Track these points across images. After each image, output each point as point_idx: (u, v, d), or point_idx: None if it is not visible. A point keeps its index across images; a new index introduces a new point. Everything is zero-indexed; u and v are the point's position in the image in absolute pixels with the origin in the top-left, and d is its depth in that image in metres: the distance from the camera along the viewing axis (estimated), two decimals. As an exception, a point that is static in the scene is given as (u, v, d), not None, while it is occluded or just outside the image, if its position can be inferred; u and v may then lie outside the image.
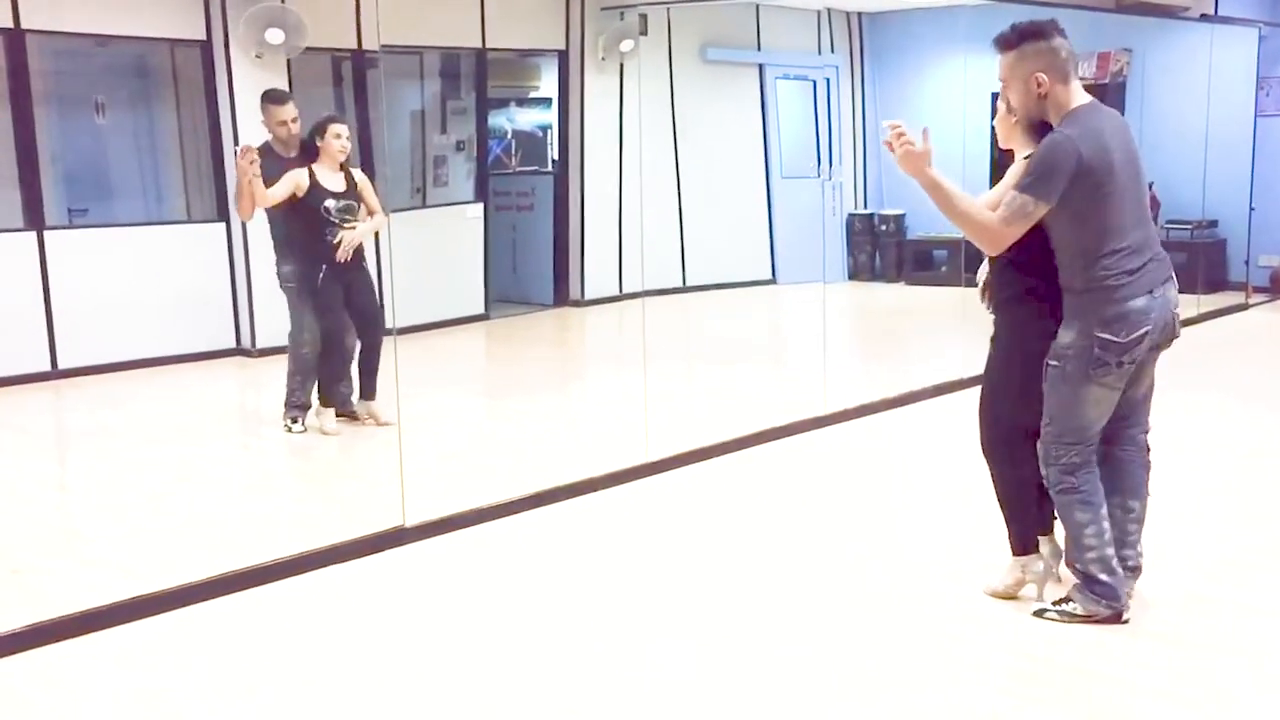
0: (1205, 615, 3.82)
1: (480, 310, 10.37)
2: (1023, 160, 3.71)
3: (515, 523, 4.93)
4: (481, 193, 10.48)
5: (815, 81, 12.73)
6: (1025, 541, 3.90)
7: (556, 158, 11.42)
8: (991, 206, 3.63)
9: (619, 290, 11.08)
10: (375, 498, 5.10)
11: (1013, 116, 3.75)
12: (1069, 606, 3.75)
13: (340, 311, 6.36)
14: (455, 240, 10.18)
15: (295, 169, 6.18)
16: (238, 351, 8.87)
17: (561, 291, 11.17)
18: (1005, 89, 3.69)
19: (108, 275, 8.31)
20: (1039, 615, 3.78)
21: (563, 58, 10.94)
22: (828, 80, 12.73)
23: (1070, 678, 3.41)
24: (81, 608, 3.96)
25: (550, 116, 11.87)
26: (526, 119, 12.58)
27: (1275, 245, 11.00)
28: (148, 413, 7.23)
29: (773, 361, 9.11)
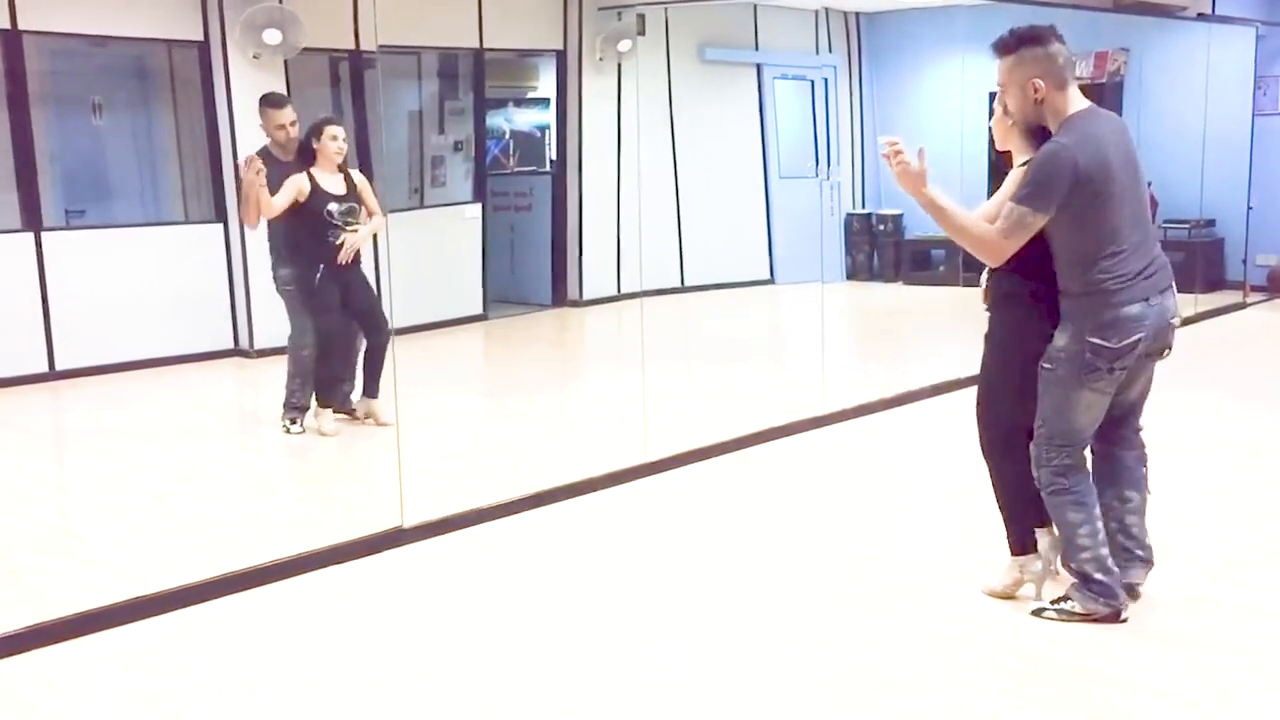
0: (1205, 615, 3.82)
1: (478, 310, 10.36)
2: (1019, 168, 3.72)
3: (514, 523, 4.92)
4: (479, 193, 10.47)
5: (813, 81, 12.73)
6: (1023, 541, 3.91)
7: (554, 158, 11.42)
8: (989, 218, 3.66)
9: (617, 290, 11.08)
10: (374, 498, 5.09)
11: (1009, 119, 3.76)
12: (1067, 605, 3.75)
13: (336, 311, 6.36)
14: (453, 241, 10.18)
15: (295, 174, 6.18)
16: (236, 352, 8.86)
17: (560, 292, 11.17)
18: (1003, 93, 3.72)
19: (105, 276, 8.30)
20: (1037, 614, 3.79)
21: (560, 58, 10.94)
22: (826, 80, 12.73)
23: (1070, 677, 3.41)
24: (80, 608, 3.96)
25: (548, 117, 11.87)
26: (524, 119, 12.59)
27: (1273, 244, 11.01)
28: (146, 414, 7.23)
29: (771, 361, 9.11)
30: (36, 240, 8.04)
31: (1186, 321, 6.38)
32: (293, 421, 6.46)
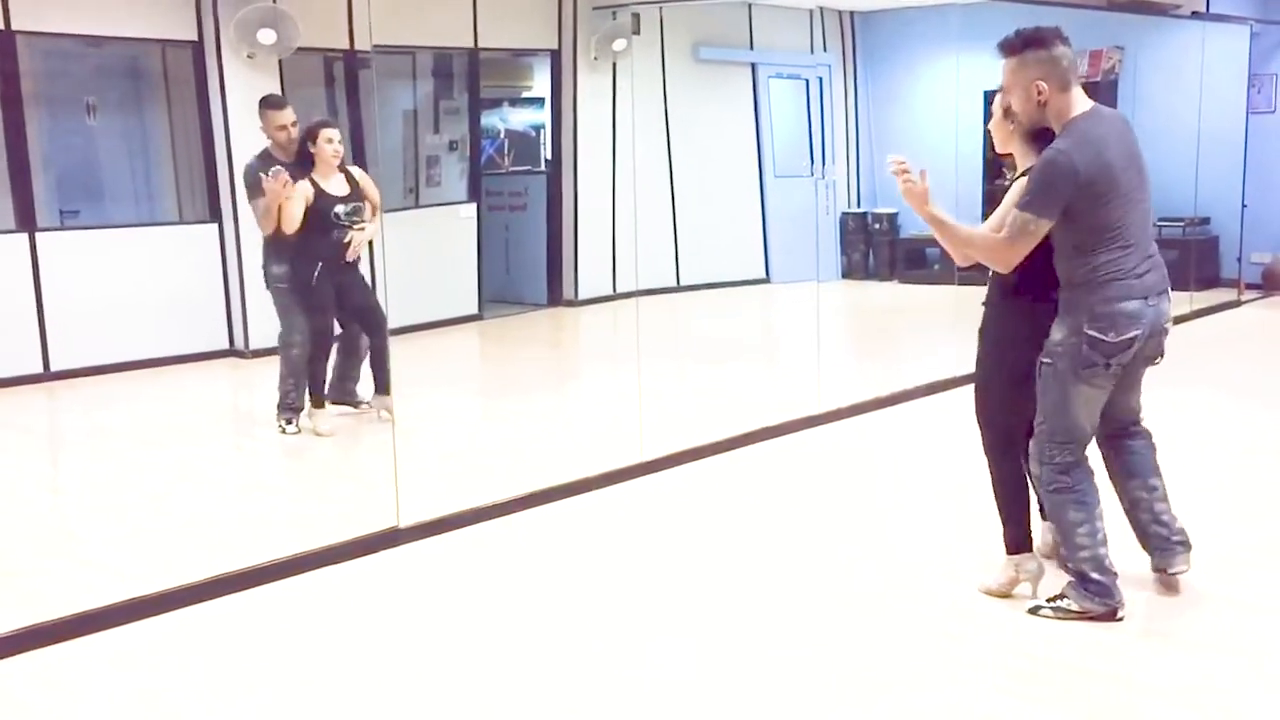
0: (1201, 613, 3.83)
1: (474, 310, 10.35)
2: (1022, 178, 3.74)
3: (510, 523, 4.92)
4: (474, 193, 10.47)
5: (808, 80, 12.73)
6: (1019, 540, 3.91)
7: (549, 157, 11.42)
8: (996, 228, 3.73)
9: (613, 290, 11.08)
10: (370, 499, 5.09)
11: (1010, 123, 3.80)
12: (1063, 603, 3.76)
13: (331, 311, 6.37)
14: (448, 240, 10.17)
15: (299, 181, 6.19)
16: (231, 353, 8.85)
17: (555, 291, 11.17)
18: (1006, 93, 3.75)
19: (100, 277, 8.29)
20: (1034, 612, 3.80)
21: (555, 57, 10.94)
22: (820, 79, 12.74)
23: (1068, 676, 3.41)
24: (77, 609, 3.96)
25: (543, 116, 11.88)
26: (519, 119, 12.58)
27: (1267, 242, 11.04)
28: (142, 414, 7.22)
29: (766, 361, 9.12)
30: (31, 241, 8.03)
31: (1181, 319, 6.39)
32: (288, 422, 6.45)
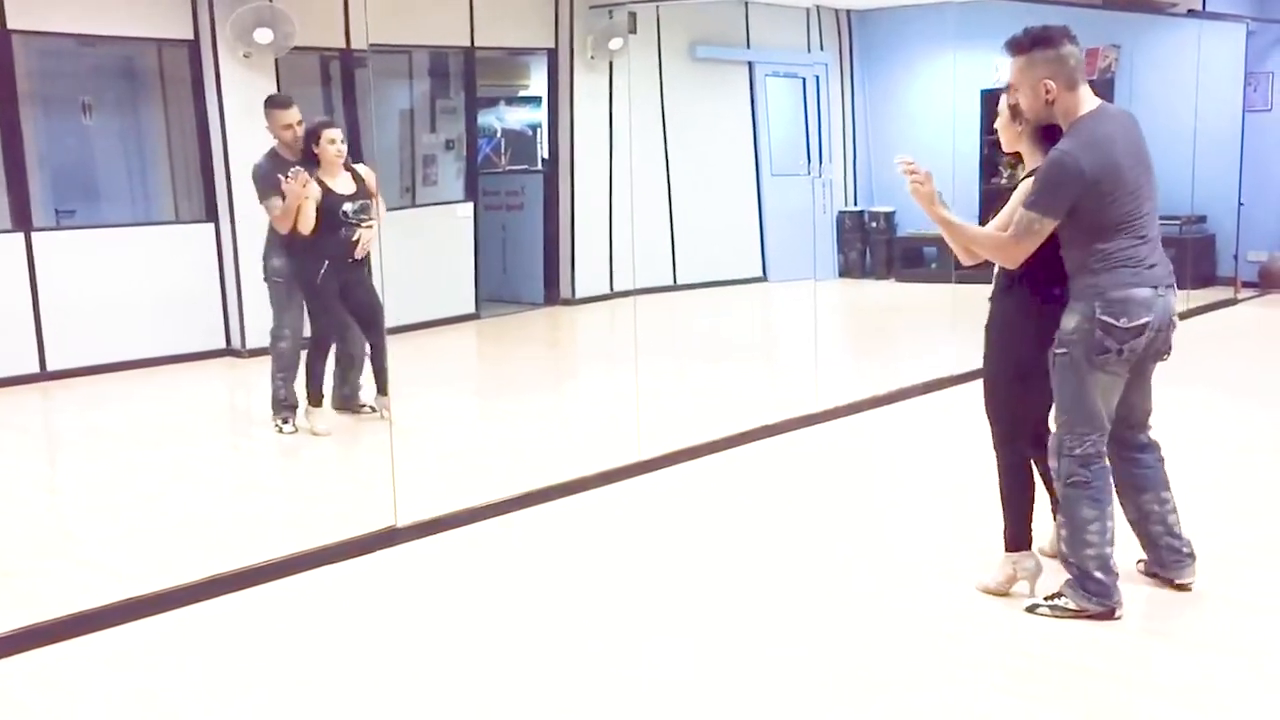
0: (1198, 611, 3.83)
1: (470, 309, 10.35)
2: (1028, 178, 3.75)
3: (507, 522, 4.92)
4: (471, 192, 10.46)
5: (805, 79, 12.74)
6: (1018, 537, 3.91)
7: (546, 156, 11.41)
8: (1003, 226, 3.75)
9: (610, 289, 11.08)
10: (367, 498, 5.08)
11: (1017, 124, 3.83)
12: (1061, 601, 3.76)
13: (336, 310, 6.36)
14: (445, 239, 10.17)
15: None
16: (227, 352, 8.85)
17: (552, 290, 11.17)
18: (1014, 91, 3.77)
19: (96, 276, 8.28)
20: (1031, 610, 3.80)
21: (552, 56, 10.93)
22: (817, 78, 12.74)
23: (1067, 675, 3.41)
24: (74, 609, 3.95)
25: (540, 115, 11.86)
26: (516, 118, 12.57)
27: (1264, 240, 11.05)
28: (138, 414, 7.21)
29: (764, 359, 9.12)
30: (27, 240, 8.02)
31: (1179, 317, 6.37)
32: (284, 421, 6.45)
